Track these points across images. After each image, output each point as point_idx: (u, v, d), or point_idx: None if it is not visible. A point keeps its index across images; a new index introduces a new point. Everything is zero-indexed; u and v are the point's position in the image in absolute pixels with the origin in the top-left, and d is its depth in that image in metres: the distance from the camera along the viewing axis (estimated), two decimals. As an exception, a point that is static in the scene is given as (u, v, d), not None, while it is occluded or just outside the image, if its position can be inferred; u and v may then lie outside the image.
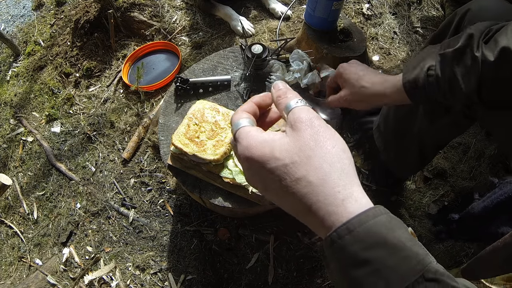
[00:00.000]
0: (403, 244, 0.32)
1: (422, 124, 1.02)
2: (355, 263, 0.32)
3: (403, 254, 0.31)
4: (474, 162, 1.41)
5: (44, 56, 1.97)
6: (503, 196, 0.97)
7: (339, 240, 0.32)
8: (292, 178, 0.35)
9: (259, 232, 1.34)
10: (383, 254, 0.31)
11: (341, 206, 0.33)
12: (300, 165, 0.35)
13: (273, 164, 0.36)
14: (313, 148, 0.35)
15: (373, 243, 0.32)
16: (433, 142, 1.09)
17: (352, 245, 0.32)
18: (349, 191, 0.34)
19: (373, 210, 0.33)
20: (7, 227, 1.55)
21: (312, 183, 0.34)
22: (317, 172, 0.34)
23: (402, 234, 0.33)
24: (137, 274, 1.34)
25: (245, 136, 0.40)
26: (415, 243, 0.33)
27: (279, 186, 0.36)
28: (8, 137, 1.78)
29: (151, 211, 1.45)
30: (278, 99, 0.43)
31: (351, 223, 0.32)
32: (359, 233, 0.32)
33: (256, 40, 1.73)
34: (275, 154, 0.36)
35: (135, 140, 1.58)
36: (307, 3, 1.46)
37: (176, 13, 1.93)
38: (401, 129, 1.12)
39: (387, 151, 1.23)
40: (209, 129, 1.01)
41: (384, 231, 0.32)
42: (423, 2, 1.87)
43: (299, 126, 0.37)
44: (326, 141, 0.36)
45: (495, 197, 1.00)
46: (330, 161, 0.35)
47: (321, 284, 1.26)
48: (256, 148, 0.38)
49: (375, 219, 0.32)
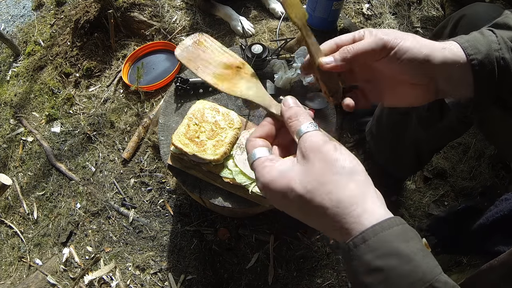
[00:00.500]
0: (415, 255, 0.34)
1: (416, 130, 1.01)
2: (368, 271, 0.34)
3: (414, 264, 0.33)
4: (474, 162, 1.41)
5: (44, 56, 1.97)
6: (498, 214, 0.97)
7: (354, 248, 0.35)
8: (309, 205, 0.38)
9: (259, 232, 1.34)
10: (394, 263, 0.33)
11: (357, 222, 0.36)
12: (314, 193, 0.37)
13: (291, 196, 0.39)
14: (324, 174, 0.38)
15: (386, 252, 0.34)
16: (428, 147, 1.08)
17: (366, 254, 0.34)
18: (364, 207, 0.36)
19: (388, 221, 0.35)
20: (7, 227, 1.55)
21: (329, 208, 0.37)
22: (331, 197, 0.37)
23: (415, 244, 0.35)
24: (137, 274, 1.34)
25: (260, 170, 0.42)
26: (427, 254, 0.35)
27: (300, 212, 0.40)
28: (8, 137, 1.78)
29: (151, 211, 1.45)
30: (289, 121, 0.44)
31: (366, 233, 0.35)
32: (373, 242, 0.34)
33: (256, 40, 1.73)
34: (291, 185, 0.39)
35: (135, 140, 1.58)
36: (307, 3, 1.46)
37: (176, 13, 1.93)
38: (395, 134, 1.12)
39: (381, 153, 1.23)
40: (209, 129, 1.01)
41: (397, 241, 0.34)
42: (423, 2, 1.87)
43: (310, 155, 0.39)
44: (336, 163, 0.38)
45: (490, 215, 0.99)
46: (343, 183, 0.37)
47: (321, 284, 1.26)
48: (274, 182, 0.40)
49: (389, 230, 0.35)
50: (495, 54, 0.51)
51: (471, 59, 0.50)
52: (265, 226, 1.35)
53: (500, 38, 0.52)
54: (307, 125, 0.42)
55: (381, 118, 1.15)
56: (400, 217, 0.36)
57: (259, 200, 0.97)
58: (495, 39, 0.52)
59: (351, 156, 0.40)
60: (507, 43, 0.52)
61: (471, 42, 0.52)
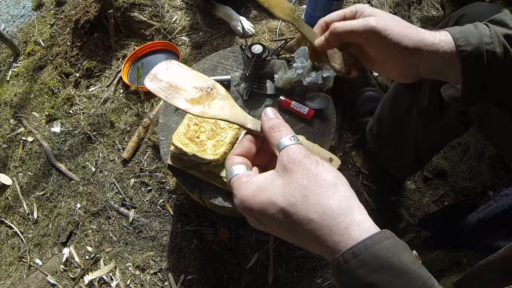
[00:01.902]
0: (408, 268, 0.33)
1: (416, 128, 1.01)
2: (360, 286, 0.33)
3: (408, 277, 0.32)
4: (474, 162, 1.41)
5: (44, 56, 1.97)
6: (498, 209, 0.96)
7: (345, 264, 0.34)
8: (293, 219, 0.36)
9: (259, 232, 1.34)
10: (388, 278, 0.32)
11: (345, 234, 0.35)
12: (298, 206, 0.36)
13: (271, 210, 0.37)
14: (307, 186, 0.36)
15: (378, 267, 0.33)
16: (428, 146, 1.08)
17: (357, 269, 0.33)
18: (351, 218, 0.35)
19: (379, 234, 0.34)
20: (7, 227, 1.55)
21: (314, 220, 0.35)
22: (317, 208, 0.35)
23: (407, 257, 0.34)
24: (137, 274, 1.34)
25: (237, 186, 0.40)
26: (419, 266, 0.34)
27: (282, 228, 0.37)
28: (8, 137, 1.78)
29: (151, 211, 1.45)
30: (271, 131, 0.42)
31: (356, 247, 0.33)
32: (365, 257, 0.33)
33: (256, 40, 1.73)
34: (271, 199, 0.37)
35: (135, 140, 1.58)
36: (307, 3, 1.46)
37: (176, 13, 1.93)
38: (395, 132, 1.12)
39: (381, 153, 1.23)
40: (209, 129, 1.01)
41: (389, 255, 0.33)
42: (423, 2, 1.87)
43: (291, 167, 0.37)
44: (318, 175, 0.37)
45: (490, 210, 0.99)
46: (326, 195, 0.36)
47: (321, 284, 1.26)
48: (252, 198, 0.38)
49: (380, 244, 0.34)
50: (486, 48, 0.51)
51: (461, 50, 0.51)
52: (265, 226, 1.35)
53: (493, 32, 0.52)
54: (289, 137, 0.41)
55: (382, 117, 1.15)
56: (389, 231, 0.35)
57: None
58: (488, 33, 0.52)
59: (333, 169, 0.38)
60: (500, 38, 0.52)
61: (463, 33, 0.52)
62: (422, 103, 0.94)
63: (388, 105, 1.10)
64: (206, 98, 0.50)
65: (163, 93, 0.49)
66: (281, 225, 0.37)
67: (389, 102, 1.10)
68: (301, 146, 0.40)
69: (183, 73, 0.52)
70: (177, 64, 0.53)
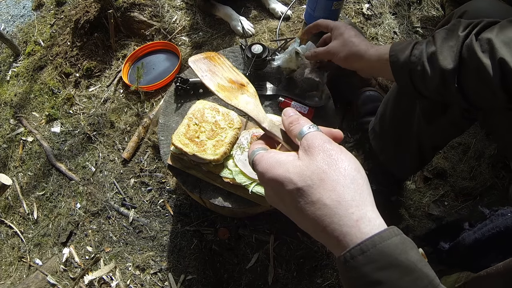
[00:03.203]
0: (415, 266, 0.33)
1: (420, 125, 1.01)
2: (367, 284, 0.33)
3: (415, 275, 0.33)
4: (474, 162, 1.41)
5: (44, 56, 1.97)
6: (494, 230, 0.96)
7: (351, 260, 0.34)
8: (306, 200, 0.37)
9: (259, 232, 1.34)
10: (395, 275, 0.32)
11: (355, 227, 0.34)
12: (314, 188, 0.36)
13: (288, 187, 0.38)
14: (326, 171, 0.37)
15: (386, 264, 0.33)
16: (432, 143, 1.08)
17: (364, 266, 0.33)
18: (363, 212, 0.35)
19: (387, 231, 0.34)
20: (7, 227, 1.55)
21: (327, 206, 0.35)
22: (331, 194, 0.36)
23: (414, 255, 0.34)
24: (137, 274, 1.34)
25: (259, 160, 0.42)
26: (425, 264, 0.34)
27: (295, 207, 0.38)
28: (8, 137, 1.78)
29: (151, 211, 1.45)
30: (290, 125, 0.44)
31: (364, 244, 0.33)
32: (372, 254, 0.33)
33: (256, 40, 1.73)
34: (289, 176, 0.38)
35: (135, 140, 1.58)
36: (307, 3, 1.46)
37: (176, 13, 1.93)
38: (398, 130, 1.12)
39: (384, 152, 1.22)
40: (209, 129, 1.01)
41: (396, 252, 0.33)
42: (423, 2, 1.87)
43: (312, 151, 0.38)
44: (339, 163, 0.37)
45: (486, 230, 0.98)
46: (344, 183, 0.36)
47: (321, 284, 1.26)
48: (273, 169, 0.40)
49: (388, 241, 0.33)
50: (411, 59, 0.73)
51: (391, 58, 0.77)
52: (265, 226, 1.35)
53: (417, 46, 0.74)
54: (308, 126, 0.42)
55: (385, 116, 1.15)
56: (397, 227, 0.35)
57: (259, 200, 0.97)
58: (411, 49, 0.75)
59: (355, 161, 0.38)
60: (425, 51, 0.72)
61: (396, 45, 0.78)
62: (425, 101, 0.94)
63: (392, 103, 1.10)
64: (236, 90, 0.56)
65: (200, 72, 0.58)
66: (294, 204, 0.38)
67: (392, 100, 1.10)
68: (321, 133, 0.41)
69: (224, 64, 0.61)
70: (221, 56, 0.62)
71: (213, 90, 0.55)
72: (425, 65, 0.70)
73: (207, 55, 0.62)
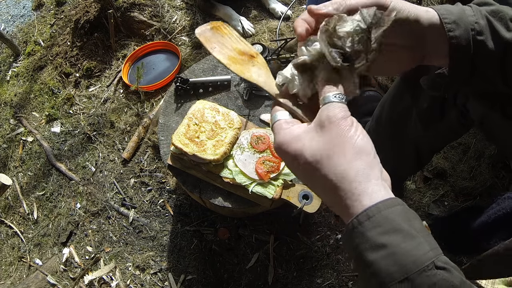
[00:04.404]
0: (417, 233, 0.35)
1: (416, 129, 1.01)
2: (373, 247, 0.35)
3: (417, 241, 0.34)
4: (474, 162, 1.41)
5: (44, 56, 1.97)
6: (501, 212, 0.97)
7: (359, 226, 0.36)
8: (315, 174, 0.40)
9: (259, 232, 1.34)
10: (398, 239, 0.34)
11: (357, 200, 0.37)
12: (322, 164, 0.39)
13: (300, 160, 0.41)
14: (334, 147, 0.39)
15: (390, 229, 0.35)
16: (429, 147, 1.08)
17: (370, 230, 0.35)
18: (364, 187, 0.37)
19: (390, 200, 0.36)
20: (7, 227, 1.55)
21: (332, 181, 0.38)
22: (335, 171, 0.38)
23: (417, 224, 0.36)
24: (137, 274, 1.34)
25: (278, 131, 0.44)
26: (428, 234, 0.36)
27: (307, 177, 0.42)
28: (8, 137, 1.78)
29: (151, 211, 1.45)
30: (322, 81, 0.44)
31: (370, 210, 0.36)
32: (377, 218, 0.35)
33: (256, 40, 1.73)
34: (302, 150, 0.41)
35: (135, 140, 1.58)
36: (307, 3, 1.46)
37: (176, 13, 1.93)
38: (395, 134, 1.11)
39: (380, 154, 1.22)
40: (209, 129, 1.01)
41: (400, 219, 0.35)
42: (423, 2, 1.87)
43: (327, 125, 0.40)
44: (350, 139, 0.39)
45: (492, 213, 0.99)
46: (349, 159, 0.38)
47: (321, 284, 1.26)
48: (287, 145, 0.42)
49: (392, 208, 0.36)
50: (470, 19, 0.51)
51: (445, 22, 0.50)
52: (265, 226, 1.35)
53: (474, 7, 0.53)
54: (334, 93, 0.43)
55: (381, 118, 1.14)
56: (401, 199, 0.37)
57: (259, 200, 0.97)
58: (468, 8, 0.53)
59: (364, 134, 0.40)
60: (481, 11, 0.52)
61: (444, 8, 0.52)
62: (422, 106, 0.94)
63: (388, 106, 1.10)
64: (247, 62, 0.55)
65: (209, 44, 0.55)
66: (305, 176, 0.42)
67: (388, 103, 1.09)
68: (342, 106, 0.42)
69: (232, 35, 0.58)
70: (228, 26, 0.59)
71: (225, 63, 0.54)
72: None
73: (213, 25, 0.58)
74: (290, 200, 0.95)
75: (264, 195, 0.94)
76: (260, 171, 0.95)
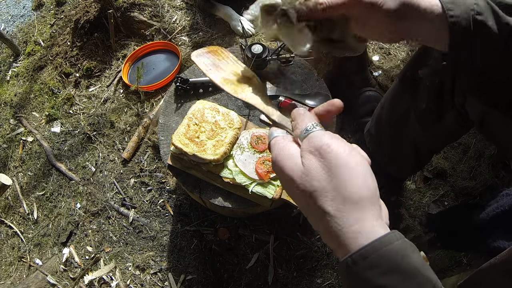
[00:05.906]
0: (417, 270, 0.33)
1: (415, 130, 1.01)
2: None
3: (418, 280, 0.33)
4: (474, 162, 1.41)
5: (44, 56, 1.97)
6: (499, 209, 0.96)
7: (353, 265, 0.34)
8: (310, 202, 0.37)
9: (259, 232, 1.34)
10: (398, 280, 0.32)
11: (354, 238, 0.35)
12: (316, 196, 0.37)
13: (293, 185, 0.39)
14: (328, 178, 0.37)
15: (388, 269, 0.33)
16: (428, 148, 1.08)
17: (366, 271, 0.33)
18: (362, 225, 0.35)
19: (387, 236, 0.34)
20: (7, 227, 1.55)
21: (327, 214, 0.36)
22: (332, 203, 0.36)
23: (416, 259, 0.34)
24: (137, 274, 1.34)
25: (274, 146, 0.43)
26: (428, 268, 0.34)
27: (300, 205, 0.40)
28: (8, 137, 1.78)
29: (151, 211, 1.45)
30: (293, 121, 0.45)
31: (365, 249, 0.33)
32: (374, 259, 0.33)
33: (256, 40, 1.73)
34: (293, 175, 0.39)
35: (135, 140, 1.58)
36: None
37: (176, 13, 1.93)
38: (394, 134, 1.11)
39: (380, 154, 1.22)
40: (209, 129, 1.01)
41: (398, 257, 0.33)
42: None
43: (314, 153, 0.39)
44: (339, 170, 0.37)
45: (491, 210, 0.99)
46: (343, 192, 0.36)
47: (321, 284, 1.26)
48: (283, 160, 0.40)
49: (389, 246, 0.33)
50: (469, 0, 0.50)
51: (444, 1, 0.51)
52: (265, 226, 1.35)
53: None
54: (311, 124, 0.42)
55: (380, 119, 1.14)
56: (398, 231, 0.35)
57: (259, 200, 0.97)
58: None
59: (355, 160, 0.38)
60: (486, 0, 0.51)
61: None
62: (420, 106, 0.94)
63: (387, 107, 1.10)
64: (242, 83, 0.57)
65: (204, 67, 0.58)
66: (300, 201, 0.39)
67: (388, 104, 1.09)
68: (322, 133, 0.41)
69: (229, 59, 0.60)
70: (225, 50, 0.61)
71: (219, 84, 0.55)
72: None
73: (210, 49, 0.61)
74: (290, 200, 0.96)
75: (264, 195, 0.94)
76: (260, 171, 0.95)
